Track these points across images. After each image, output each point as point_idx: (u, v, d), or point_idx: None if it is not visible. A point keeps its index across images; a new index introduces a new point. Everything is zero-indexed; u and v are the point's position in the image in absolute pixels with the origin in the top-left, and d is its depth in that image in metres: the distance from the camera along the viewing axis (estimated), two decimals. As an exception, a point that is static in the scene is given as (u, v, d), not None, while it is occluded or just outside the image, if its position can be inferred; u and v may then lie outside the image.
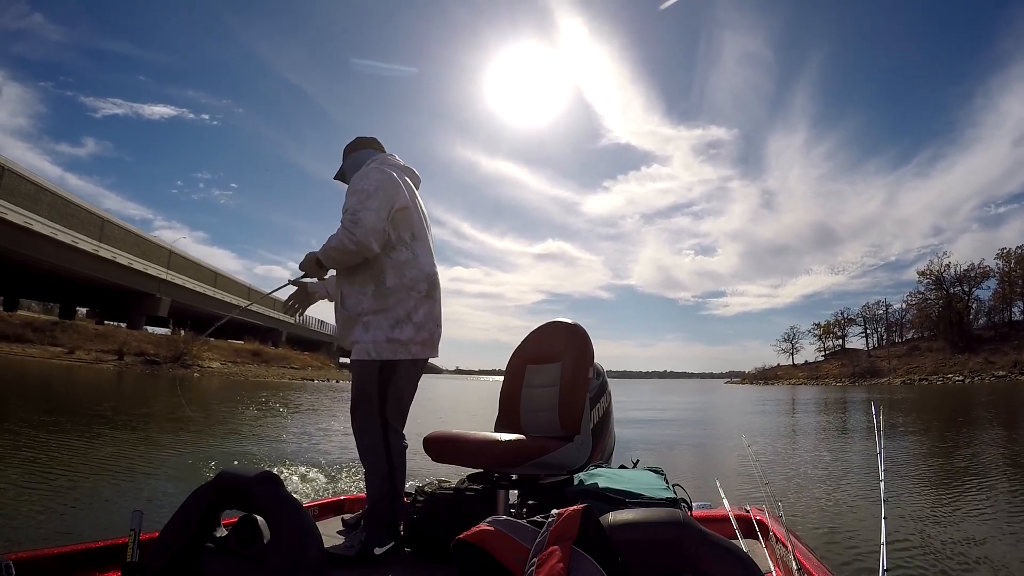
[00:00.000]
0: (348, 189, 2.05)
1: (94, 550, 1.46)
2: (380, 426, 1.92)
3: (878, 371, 64.96)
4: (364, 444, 1.93)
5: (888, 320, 78.32)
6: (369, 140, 2.28)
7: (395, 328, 1.97)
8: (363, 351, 1.95)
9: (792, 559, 1.46)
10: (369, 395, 1.93)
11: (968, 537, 3.89)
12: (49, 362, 23.12)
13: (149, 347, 28.86)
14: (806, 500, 5.04)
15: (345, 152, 2.28)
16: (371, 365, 1.94)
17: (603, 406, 2.35)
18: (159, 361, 26.80)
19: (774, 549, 1.70)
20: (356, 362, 1.97)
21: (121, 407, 10.66)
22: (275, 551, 1.07)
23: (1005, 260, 62.92)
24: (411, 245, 2.04)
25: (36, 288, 36.13)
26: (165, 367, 26.01)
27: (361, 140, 2.28)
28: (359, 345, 1.97)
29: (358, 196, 1.96)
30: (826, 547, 3.55)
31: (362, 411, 1.94)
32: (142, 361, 26.62)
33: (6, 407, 9.29)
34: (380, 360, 1.94)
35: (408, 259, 2.02)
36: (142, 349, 28.37)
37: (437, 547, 1.79)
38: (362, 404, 1.94)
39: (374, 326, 1.96)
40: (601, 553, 0.83)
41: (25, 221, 25.44)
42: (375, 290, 1.98)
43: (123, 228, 33.94)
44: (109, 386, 17.00)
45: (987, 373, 52.51)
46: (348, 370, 2.22)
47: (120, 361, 26.01)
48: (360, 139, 2.28)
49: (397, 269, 1.99)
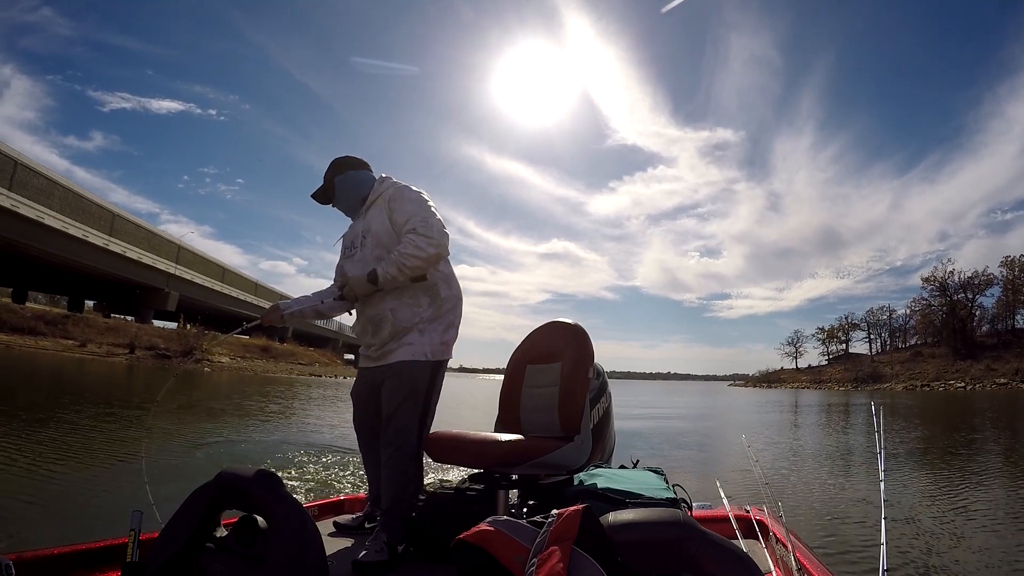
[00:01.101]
0: (395, 199, 2.04)
1: (94, 550, 1.46)
2: (418, 425, 1.97)
3: (881, 376, 64.98)
4: (398, 443, 1.93)
5: (892, 326, 78.85)
6: (363, 161, 2.24)
7: (446, 332, 2.09)
8: (420, 352, 2.00)
9: (792, 559, 1.46)
10: (418, 393, 1.98)
11: (968, 536, 3.89)
12: (61, 355, 23.29)
13: (160, 341, 29.12)
14: (806, 500, 5.03)
15: (336, 169, 2.20)
16: (425, 365, 2.01)
17: (603, 406, 2.35)
18: (170, 355, 27.01)
19: (774, 549, 1.70)
20: (409, 363, 1.99)
21: (141, 401, 10.70)
22: (275, 551, 1.07)
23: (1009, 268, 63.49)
24: (446, 258, 2.13)
25: (45, 281, 36.25)
26: (176, 361, 26.18)
27: (357, 160, 2.23)
28: (414, 347, 2.01)
29: (416, 204, 2.01)
30: (826, 547, 3.55)
31: (406, 410, 1.95)
32: (153, 355, 26.82)
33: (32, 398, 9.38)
34: (434, 360, 2.03)
35: (451, 272, 2.15)
36: (153, 343, 28.62)
37: (437, 547, 1.79)
38: (409, 402, 1.96)
39: (430, 331, 2.05)
40: (601, 553, 0.83)
41: (37, 215, 25.63)
42: (431, 302, 2.06)
43: (133, 223, 34.07)
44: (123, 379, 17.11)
45: (989, 380, 52.73)
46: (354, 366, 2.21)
47: (131, 355, 26.22)
48: (356, 159, 2.23)
49: (447, 282, 2.11)
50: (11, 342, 23.42)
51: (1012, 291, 62.69)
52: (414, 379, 1.97)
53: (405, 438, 1.93)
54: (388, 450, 1.94)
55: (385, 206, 2.07)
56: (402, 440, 1.93)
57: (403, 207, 2.02)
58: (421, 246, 1.92)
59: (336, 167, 2.20)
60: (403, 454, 1.92)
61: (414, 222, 1.96)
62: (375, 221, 2.08)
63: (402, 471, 1.91)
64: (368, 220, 2.10)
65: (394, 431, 1.94)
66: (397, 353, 2.00)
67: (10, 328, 25.07)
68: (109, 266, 31.62)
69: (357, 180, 2.18)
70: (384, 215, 2.06)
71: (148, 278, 35.25)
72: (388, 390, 1.99)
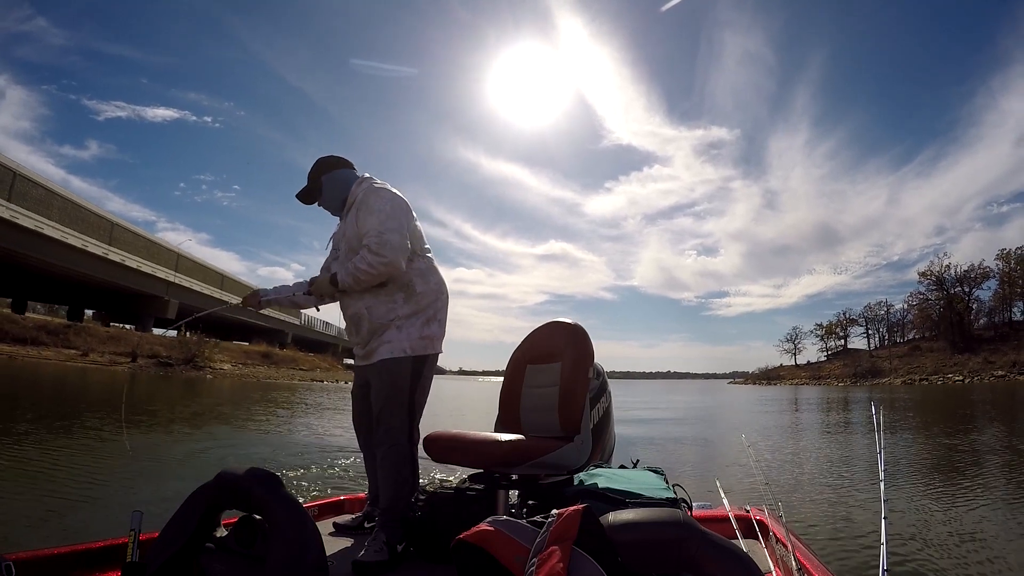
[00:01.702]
0: (361, 208, 2.05)
1: (94, 550, 1.46)
2: (407, 422, 1.97)
3: (879, 371, 65.08)
4: (389, 442, 1.95)
5: (890, 320, 78.98)
6: (346, 161, 2.23)
7: (426, 326, 2.08)
8: (398, 349, 2.01)
9: (792, 559, 1.46)
10: (401, 389, 1.98)
11: (968, 535, 3.88)
12: (64, 364, 23.34)
13: (161, 349, 29.19)
14: (806, 500, 5.03)
15: (320, 169, 2.19)
16: (405, 361, 2.01)
17: (603, 406, 2.36)
18: (172, 363, 27.22)
19: (774, 549, 1.70)
20: (389, 360, 2.00)
21: (158, 407, 10.70)
22: (275, 551, 1.07)
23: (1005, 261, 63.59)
24: (423, 255, 2.13)
25: (45, 291, 36.33)
26: (178, 369, 26.49)
27: (340, 160, 2.22)
28: (392, 344, 2.01)
29: (378, 217, 1.99)
30: (826, 547, 3.55)
31: (392, 408, 1.97)
32: (155, 363, 26.97)
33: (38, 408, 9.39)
34: (414, 355, 2.02)
35: (428, 266, 2.13)
36: (154, 351, 28.71)
37: (437, 547, 1.79)
38: (393, 400, 1.97)
39: (408, 326, 2.04)
40: (601, 553, 0.83)
41: (36, 225, 25.81)
42: (406, 298, 2.06)
43: (132, 231, 34.25)
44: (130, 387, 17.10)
45: (986, 373, 52.81)
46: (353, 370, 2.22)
47: (134, 363, 26.33)
48: (339, 158, 2.22)
49: (422, 276, 2.10)
50: (15, 353, 23.50)
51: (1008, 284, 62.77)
52: (395, 377, 1.98)
53: (395, 438, 1.95)
54: (380, 451, 1.97)
55: (355, 212, 2.07)
56: (392, 440, 1.95)
57: (366, 219, 2.02)
58: (372, 263, 1.95)
59: (319, 167, 2.20)
60: (395, 454, 1.94)
61: (369, 238, 1.97)
62: (349, 227, 2.10)
63: (396, 472, 1.93)
64: (345, 225, 2.14)
65: (384, 432, 1.96)
66: (379, 352, 2.02)
67: (12, 339, 25.14)
68: (108, 275, 31.76)
69: (338, 180, 2.18)
70: (355, 221, 2.07)
71: (148, 286, 35.41)
72: (374, 391, 2.02)
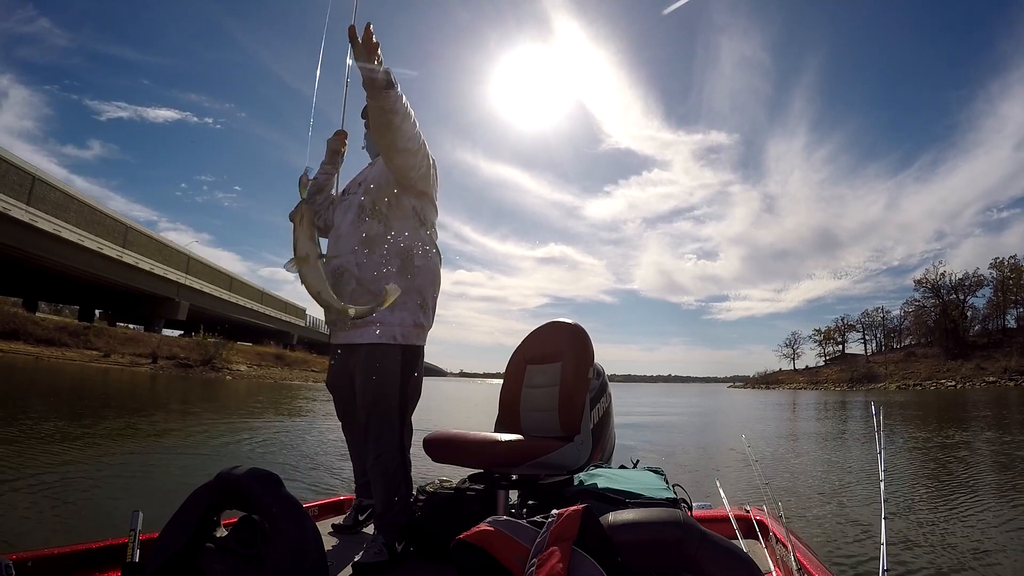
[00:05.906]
0: None
1: (94, 550, 1.45)
2: (398, 426, 1.82)
3: (875, 376, 65.73)
4: (377, 450, 1.81)
5: (886, 327, 79.80)
6: None
7: (420, 311, 1.86)
8: (388, 334, 1.79)
9: (792, 559, 1.46)
10: (392, 385, 1.79)
11: (968, 534, 3.89)
12: (88, 365, 23.47)
13: (179, 351, 29.61)
14: (806, 500, 5.04)
15: None
16: (395, 351, 1.79)
17: (603, 406, 2.35)
18: (191, 364, 27.59)
19: (774, 549, 1.70)
20: (376, 346, 1.77)
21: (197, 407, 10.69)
22: (275, 551, 1.07)
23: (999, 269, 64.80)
24: (433, 229, 1.96)
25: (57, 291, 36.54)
26: (196, 370, 26.87)
27: None
28: (382, 327, 1.78)
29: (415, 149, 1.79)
30: (826, 547, 3.55)
31: (381, 412, 1.80)
32: (174, 364, 27.30)
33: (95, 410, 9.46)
34: (405, 345, 1.82)
35: (432, 244, 1.96)
36: (173, 352, 29.11)
37: (437, 547, 1.79)
38: (382, 402, 1.80)
39: (400, 306, 1.78)
40: (601, 553, 0.83)
41: (55, 228, 26.16)
42: (401, 266, 1.82)
43: (145, 234, 34.62)
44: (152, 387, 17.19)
45: (978, 379, 53.67)
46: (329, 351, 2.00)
47: (154, 364, 26.68)
48: None
49: (424, 251, 1.89)
50: (39, 353, 23.67)
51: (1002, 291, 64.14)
52: (384, 373, 1.79)
53: (383, 446, 1.81)
54: (371, 458, 1.84)
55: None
56: (382, 448, 1.81)
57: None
58: (415, 134, 1.73)
59: None
60: (385, 463, 1.81)
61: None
62: (378, 166, 1.96)
63: (388, 481, 1.81)
64: (372, 168, 2.01)
65: (374, 439, 1.81)
66: (365, 333, 1.80)
67: (35, 340, 25.37)
68: (123, 277, 32.16)
69: None
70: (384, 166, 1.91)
71: (160, 288, 35.73)
72: (359, 387, 1.82)
